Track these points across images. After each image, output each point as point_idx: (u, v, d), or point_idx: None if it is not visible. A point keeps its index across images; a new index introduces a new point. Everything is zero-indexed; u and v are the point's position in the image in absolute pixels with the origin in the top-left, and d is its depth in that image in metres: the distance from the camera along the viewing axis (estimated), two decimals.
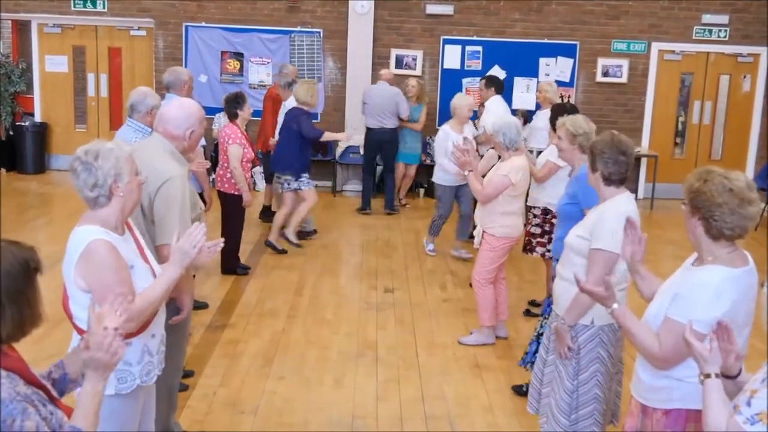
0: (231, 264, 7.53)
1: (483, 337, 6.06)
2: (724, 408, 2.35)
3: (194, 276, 5.48)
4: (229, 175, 7.24)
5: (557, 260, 4.80)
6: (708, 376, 2.43)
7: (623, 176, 3.79)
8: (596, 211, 3.83)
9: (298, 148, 8.14)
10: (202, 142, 6.31)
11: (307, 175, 8.28)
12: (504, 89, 9.35)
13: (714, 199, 2.75)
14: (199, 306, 6.48)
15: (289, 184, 8.23)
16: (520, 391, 5.20)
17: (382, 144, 10.47)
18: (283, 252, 8.30)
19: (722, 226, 2.76)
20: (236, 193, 7.24)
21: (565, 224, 4.77)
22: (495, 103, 8.98)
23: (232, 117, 7.40)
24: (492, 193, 5.73)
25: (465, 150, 5.71)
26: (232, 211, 7.34)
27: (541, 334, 4.99)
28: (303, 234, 8.81)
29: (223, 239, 3.23)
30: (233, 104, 7.42)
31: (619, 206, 3.74)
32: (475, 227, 6.17)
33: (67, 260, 2.94)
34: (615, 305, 2.99)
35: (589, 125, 4.80)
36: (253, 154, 7.38)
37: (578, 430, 3.88)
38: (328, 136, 8.57)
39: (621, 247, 3.60)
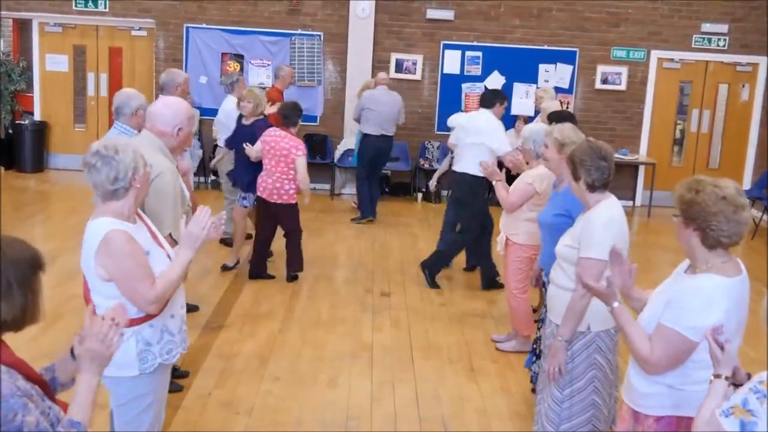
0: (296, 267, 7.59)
1: (519, 344, 6.06)
2: (716, 408, 2.38)
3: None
4: (287, 186, 7.18)
5: (546, 271, 4.81)
6: (718, 376, 2.48)
7: (606, 181, 3.76)
8: (582, 219, 3.83)
9: None
10: (197, 149, 6.32)
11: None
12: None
13: (709, 208, 2.76)
14: (190, 309, 6.43)
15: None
16: None
17: (381, 152, 10.08)
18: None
19: (719, 234, 2.76)
20: (293, 202, 7.28)
21: (555, 236, 4.77)
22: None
23: (293, 125, 7.29)
24: (517, 202, 5.68)
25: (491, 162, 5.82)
26: (293, 221, 7.42)
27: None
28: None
29: (224, 213, 3.40)
30: (297, 113, 7.36)
31: (604, 212, 3.74)
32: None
33: (86, 252, 3.06)
34: (616, 303, 3.00)
35: (577, 135, 4.65)
36: None
37: None
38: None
39: (608, 254, 3.64)
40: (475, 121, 7.44)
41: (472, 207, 7.44)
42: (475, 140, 7.26)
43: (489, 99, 7.56)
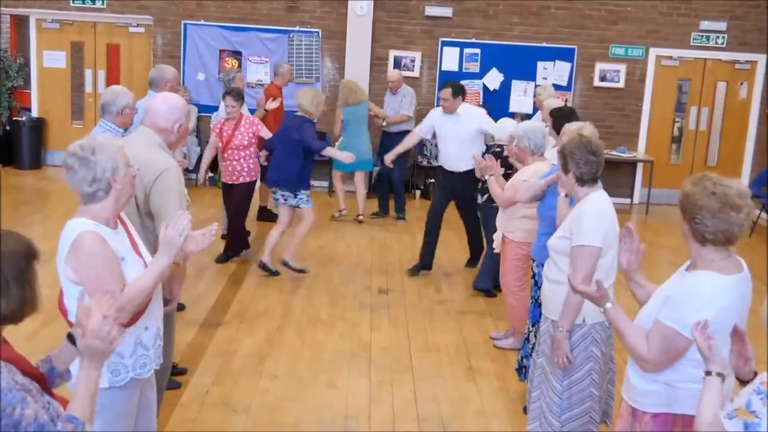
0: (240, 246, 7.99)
1: (518, 342, 6.02)
2: (716, 406, 2.39)
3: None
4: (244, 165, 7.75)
5: (540, 264, 4.84)
6: (709, 373, 2.52)
7: (595, 175, 3.85)
8: (574, 211, 3.89)
9: (298, 161, 7.32)
10: (195, 146, 6.31)
11: (307, 192, 7.50)
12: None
13: (696, 201, 2.79)
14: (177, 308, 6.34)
15: (285, 200, 7.45)
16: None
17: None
18: (276, 274, 7.57)
19: (703, 229, 2.78)
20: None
21: (550, 231, 4.79)
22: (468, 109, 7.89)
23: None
24: (512, 198, 5.65)
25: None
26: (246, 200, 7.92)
27: (527, 339, 5.02)
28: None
29: (216, 224, 3.24)
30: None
31: (594, 204, 3.82)
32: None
33: (60, 253, 2.96)
34: (608, 304, 3.01)
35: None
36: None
37: (572, 430, 3.89)
38: (330, 152, 7.88)
39: (608, 246, 3.70)
40: None
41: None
42: None
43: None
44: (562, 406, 3.88)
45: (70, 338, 2.48)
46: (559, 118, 6.22)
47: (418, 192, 11.92)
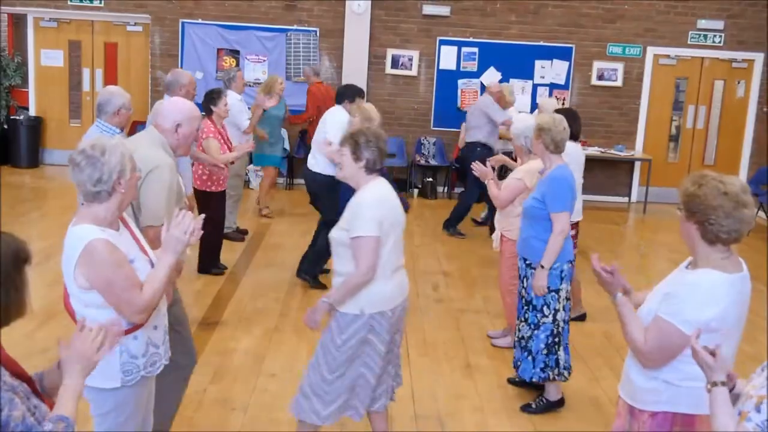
0: (207, 264, 7.46)
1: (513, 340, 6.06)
2: (731, 416, 2.32)
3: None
4: (208, 173, 7.17)
5: (523, 259, 4.95)
6: (715, 384, 2.39)
7: (382, 164, 3.94)
8: (352, 202, 3.88)
9: None
10: (193, 146, 6.25)
11: None
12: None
13: (709, 202, 2.76)
14: None
15: None
16: (514, 382, 5.36)
17: None
18: None
19: (718, 229, 2.76)
20: (210, 190, 7.20)
21: (532, 223, 4.84)
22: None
23: (208, 113, 7.39)
24: (508, 197, 5.65)
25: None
26: (210, 209, 7.04)
27: (521, 338, 5.04)
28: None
29: (203, 215, 3.22)
30: (208, 100, 7.44)
31: (373, 192, 3.85)
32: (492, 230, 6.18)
33: (66, 260, 2.93)
34: (619, 294, 3.00)
35: (555, 123, 4.77)
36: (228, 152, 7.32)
37: (335, 412, 3.94)
38: None
39: (386, 233, 3.76)
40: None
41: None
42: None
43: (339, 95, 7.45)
44: (331, 393, 3.89)
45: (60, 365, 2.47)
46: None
47: (415, 191, 11.93)
